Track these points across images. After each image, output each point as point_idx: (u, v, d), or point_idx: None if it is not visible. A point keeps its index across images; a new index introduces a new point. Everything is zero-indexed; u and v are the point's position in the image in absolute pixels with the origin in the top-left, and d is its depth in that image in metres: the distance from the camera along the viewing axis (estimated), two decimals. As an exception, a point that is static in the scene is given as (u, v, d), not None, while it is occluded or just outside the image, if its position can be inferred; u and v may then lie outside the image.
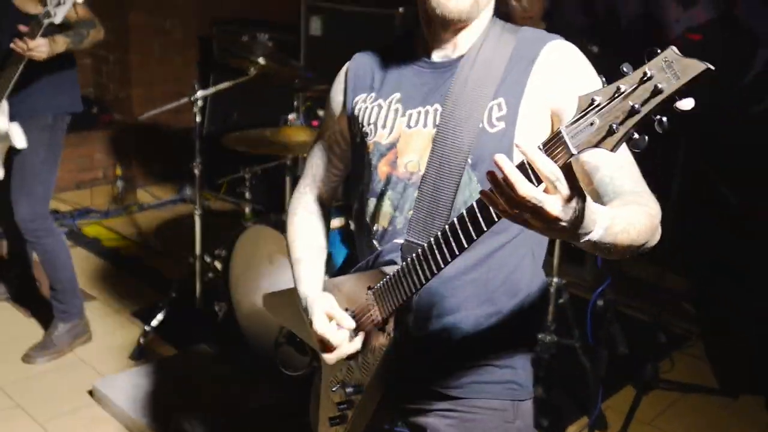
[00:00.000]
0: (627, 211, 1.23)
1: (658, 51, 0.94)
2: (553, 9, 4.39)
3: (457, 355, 1.50)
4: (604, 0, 4.34)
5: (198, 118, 3.57)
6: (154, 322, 3.48)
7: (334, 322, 1.46)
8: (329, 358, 1.47)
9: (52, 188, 3.36)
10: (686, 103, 0.94)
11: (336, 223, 3.03)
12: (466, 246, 1.20)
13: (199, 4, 5.33)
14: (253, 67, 3.46)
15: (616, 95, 0.96)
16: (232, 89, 3.59)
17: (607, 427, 3.01)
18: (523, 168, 1.05)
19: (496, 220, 1.14)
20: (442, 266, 1.26)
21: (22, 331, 3.56)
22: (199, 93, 3.49)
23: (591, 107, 0.99)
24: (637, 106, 0.94)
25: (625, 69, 0.97)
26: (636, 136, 0.96)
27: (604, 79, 1.01)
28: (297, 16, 4.93)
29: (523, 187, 1.03)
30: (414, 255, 1.30)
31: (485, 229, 1.16)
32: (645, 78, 0.94)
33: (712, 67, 0.91)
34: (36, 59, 2.94)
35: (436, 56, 1.49)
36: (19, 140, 3.12)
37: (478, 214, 1.15)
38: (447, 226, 1.22)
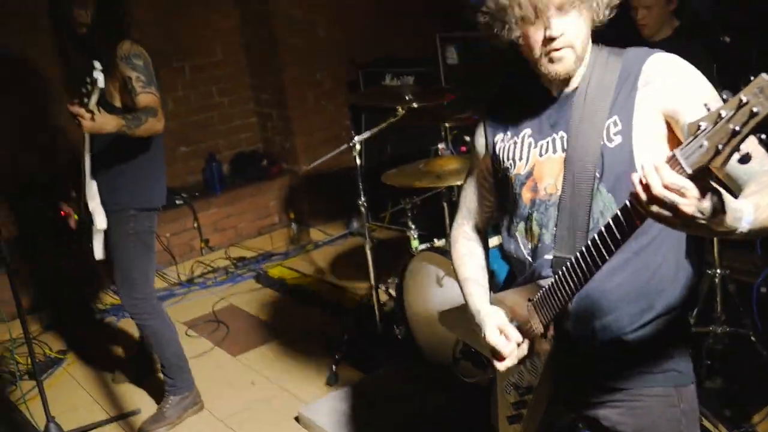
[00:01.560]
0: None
1: (752, 78, 1.09)
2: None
3: (618, 350, 1.67)
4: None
5: (358, 161, 3.89)
6: (343, 350, 3.82)
7: (504, 335, 1.69)
8: (501, 366, 1.69)
9: (151, 271, 3.49)
10: None
11: (495, 241, 3.24)
12: (613, 251, 1.39)
13: (343, 52, 5.72)
14: (401, 107, 3.76)
15: (719, 120, 1.12)
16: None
17: (792, 413, 3.00)
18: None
19: (638, 225, 1.32)
20: (591, 274, 1.46)
21: (233, 372, 4.03)
22: (356, 138, 3.80)
23: (699, 131, 1.15)
24: (737, 128, 1.10)
25: (724, 96, 1.13)
26: (742, 152, 1.11)
27: (707, 106, 1.16)
28: (434, 47, 5.21)
29: (656, 187, 1.20)
30: (564, 267, 1.51)
31: (629, 233, 1.34)
32: (742, 104, 1.09)
33: None
34: (82, 129, 2.95)
35: (554, 91, 1.70)
36: (100, 221, 3.27)
37: (622, 220, 1.34)
38: (594, 236, 1.41)
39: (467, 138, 4.15)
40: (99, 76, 2.79)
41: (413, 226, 3.89)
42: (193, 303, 4.89)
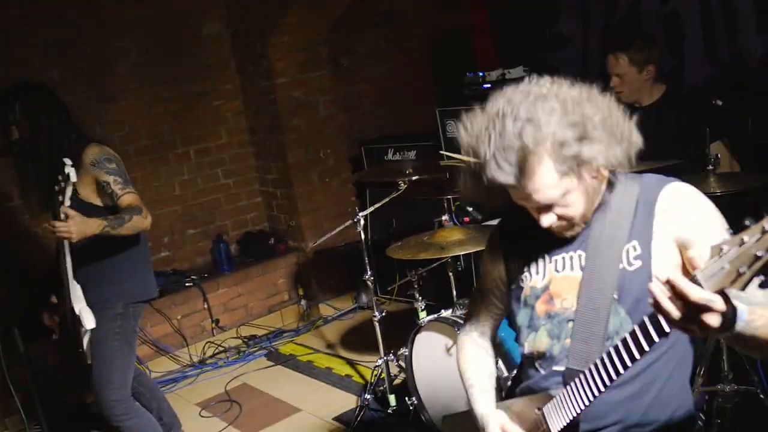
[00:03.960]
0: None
1: None
2: (675, 68, 4.53)
3: None
4: (728, 46, 4.39)
5: (363, 236, 3.99)
6: (356, 424, 3.85)
7: None
8: None
9: (130, 372, 3.41)
10: None
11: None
12: (628, 365, 1.45)
13: (344, 131, 5.89)
14: (403, 181, 3.87)
15: (742, 244, 1.17)
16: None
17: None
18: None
19: (663, 334, 1.37)
20: (605, 387, 1.51)
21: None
22: (360, 214, 3.93)
23: (721, 254, 1.20)
24: (759, 253, 1.14)
25: (747, 222, 1.18)
26: (762, 277, 1.16)
27: (730, 229, 1.24)
28: (434, 121, 5.36)
29: (695, 293, 1.24)
30: (577, 379, 1.56)
31: (649, 347, 1.41)
32: (765, 231, 1.13)
33: None
34: (68, 239, 2.96)
35: None
36: (88, 322, 3.21)
37: (648, 331, 1.39)
38: (610, 350, 1.46)
39: (469, 209, 4.25)
40: (71, 171, 2.82)
41: (420, 298, 3.95)
42: (206, 383, 4.91)
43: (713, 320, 1.26)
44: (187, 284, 5.34)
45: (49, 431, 3.28)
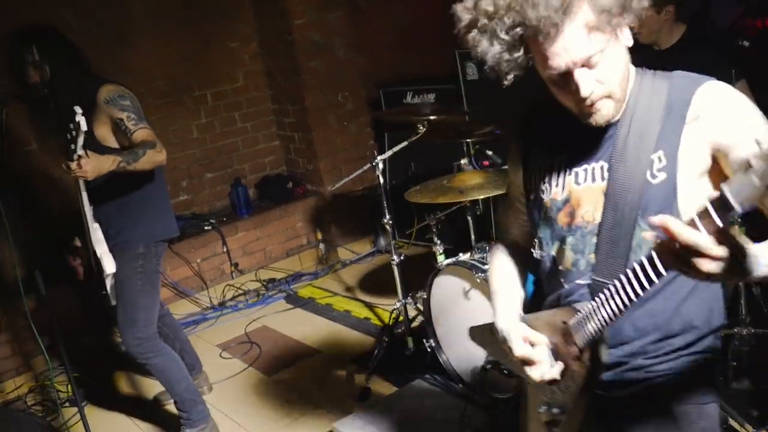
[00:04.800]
0: None
1: None
2: (701, 7, 4.39)
3: (640, 374, 1.68)
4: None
5: (381, 180, 3.97)
6: (374, 365, 3.89)
7: (529, 343, 1.70)
8: (534, 374, 1.68)
9: (155, 310, 3.48)
10: None
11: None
12: (647, 287, 1.38)
13: (363, 74, 5.82)
14: (422, 124, 3.83)
15: None
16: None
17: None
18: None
19: (663, 274, 1.33)
20: (631, 303, 1.45)
21: (267, 391, 4.11)
22: (379, 158, 3.90)
23: (750, 169, 1.11)
24: None
25: None
26: None
27: (759, 141, 1.11)
28: (454, 64, 5.28)
29: (683, 235, 1.20)
30: (604, 293, 1.50)
31: (658, 277, 1.35)
32: None
33: None
34: (84, 178, 2.96)
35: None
36: (109, 266, 3.25)
37: (649, 266, 1.34)
38: (629, 270, 1.40)
39: (489, 152, 4.21)
40: (81, 120, 2.80)
41: (438, 241, 3.94)
42: (226, 326, 4.99)
43: (710, 266, 1.21)
44: (206, 228, 5.38)
45: (72, 372, 3.33)
